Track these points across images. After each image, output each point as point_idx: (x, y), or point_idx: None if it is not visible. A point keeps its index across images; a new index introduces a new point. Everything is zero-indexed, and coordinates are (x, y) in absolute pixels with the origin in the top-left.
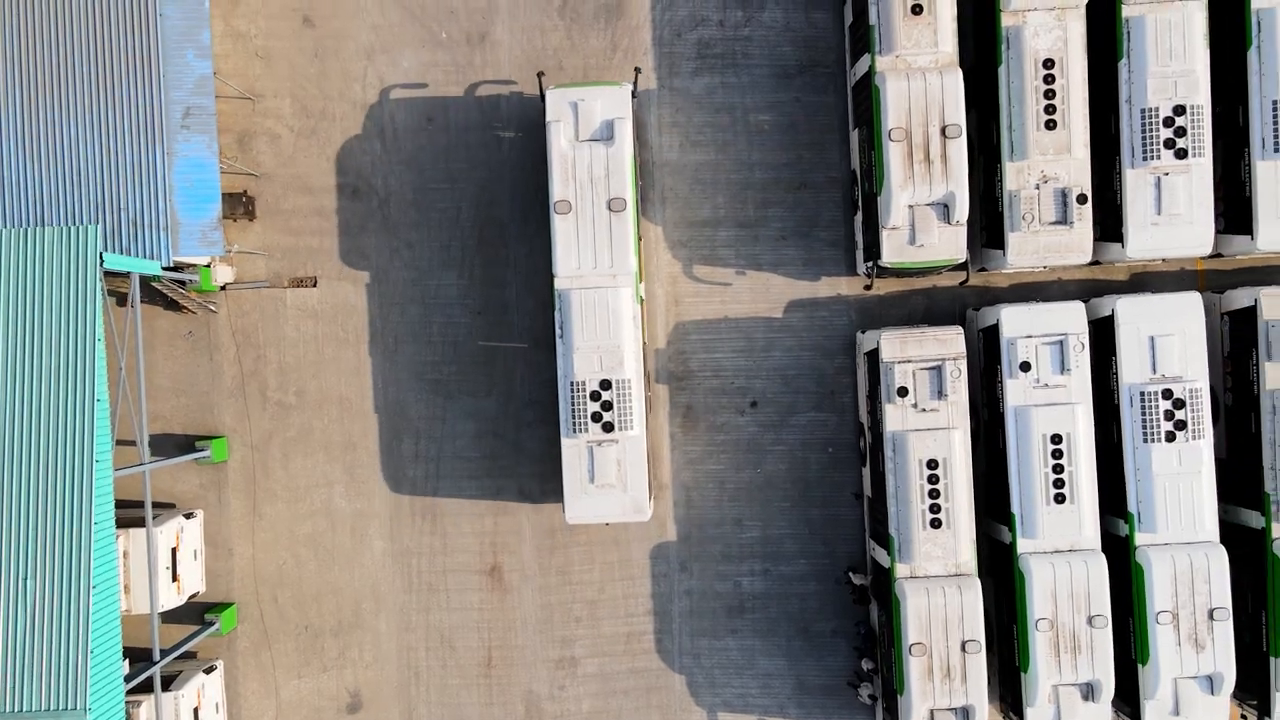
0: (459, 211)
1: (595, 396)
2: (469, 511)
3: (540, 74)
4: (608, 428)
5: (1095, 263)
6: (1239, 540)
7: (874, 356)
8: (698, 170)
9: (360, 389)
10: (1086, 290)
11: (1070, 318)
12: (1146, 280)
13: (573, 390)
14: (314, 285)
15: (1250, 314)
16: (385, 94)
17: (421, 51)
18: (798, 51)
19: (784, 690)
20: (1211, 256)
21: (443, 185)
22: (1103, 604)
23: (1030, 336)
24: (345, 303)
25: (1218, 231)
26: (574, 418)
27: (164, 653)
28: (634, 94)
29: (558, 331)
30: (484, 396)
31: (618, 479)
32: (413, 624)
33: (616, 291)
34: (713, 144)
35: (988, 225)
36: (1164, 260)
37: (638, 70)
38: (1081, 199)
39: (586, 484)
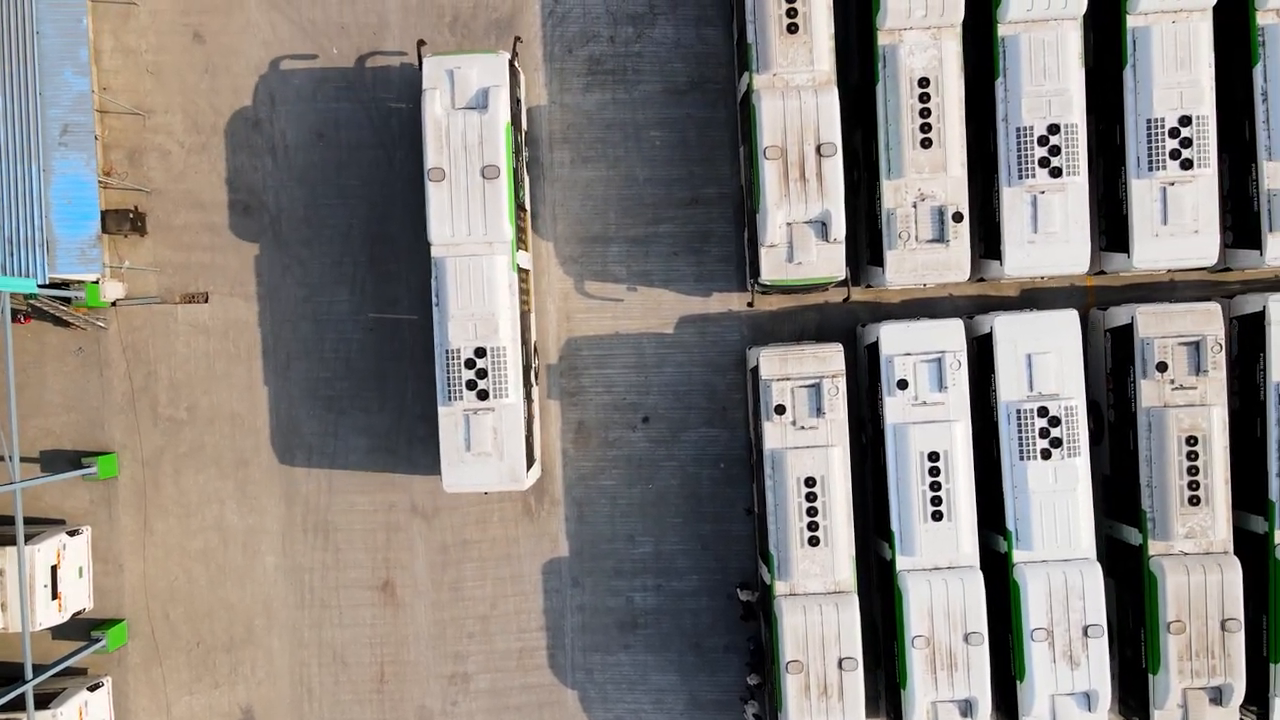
0: (350, 228)
1: (470, 364)
2: (361, 527)
3: (420, 42)
4: (482, 395)
5: (982, 279)
6: (1124, 556)
7: (757, 373)
8: (589, 186)
9: (252, 405)
10: (979, 306)
11: (948, 335)
12: (1037, 297)
13: (447, 358)
14: (205, 301)
15: (1255, 320)
16: (276, 110)
17: (313, 68)
18: (689, 68)
19: (677, 706)
20: (1098, 274)
21: (334, 201)
22: (979, 621)
23: (909, 354)
24: (237, 319)
25: (1101, 249)
26: (449, 385)
27: (38, 670)
28: (513, 62)
29: (434, 300)
30: (376, 412)
31: (494, 447)
32: (305, 640)
33: (491, 259)
34: (604, 160)
35: (872, 243)
36: (1044, 278)
37: (518, 39)
38: (957, 217)
39: (463, 452)
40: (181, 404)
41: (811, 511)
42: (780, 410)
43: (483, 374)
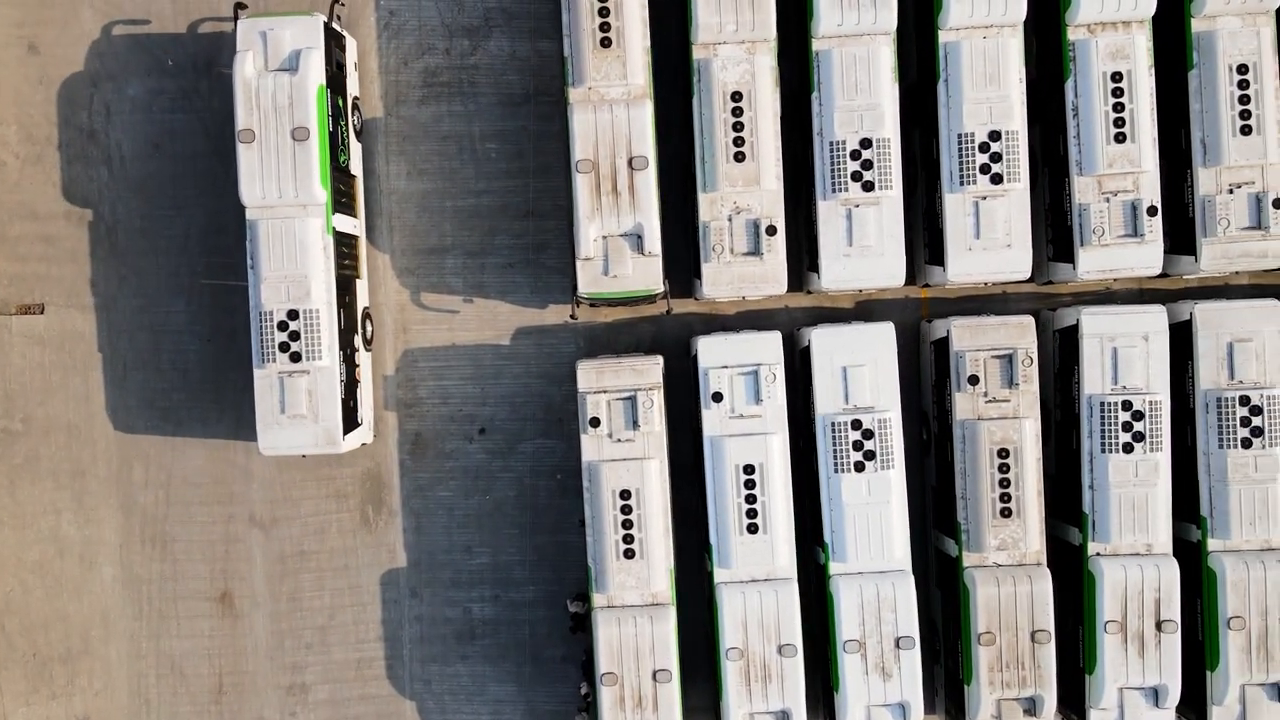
0: (187, 239)
1: (282, 326)
2: (200, 538)
3: (239, 5)
4: (295, 358)
5: (809, 292)
6: (947, 568)
7: None
8: (425, 198)
9: (89, 416)
10: (814, 317)
11: (766, 348)
12: (872, 309)
13: (260, 321)
14: (41, 312)
15: (1072, 333)
16: (112, 121)
17: (148, 79)
18: (524, 80)
19: (515, 716)
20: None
21: (170, 212)
22: (793, 633)
23: (726, 366)
24: (73, 330)
25: (925, 262)
26: (263, 348)
27: None
28: (333, 26)
29: (249, 262)
30: (214, 423)
31: (309, 410)
32: (143, 651)
33: (305, 222)
34: (440, 172)
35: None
36: (861, 291)
37: (338, 3)
38: (770, 230)
39: (277, 414)
40: (17, 415)
41: (627, 524)
42: (595, 423)
43: (295, 336)
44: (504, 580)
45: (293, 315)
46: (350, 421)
